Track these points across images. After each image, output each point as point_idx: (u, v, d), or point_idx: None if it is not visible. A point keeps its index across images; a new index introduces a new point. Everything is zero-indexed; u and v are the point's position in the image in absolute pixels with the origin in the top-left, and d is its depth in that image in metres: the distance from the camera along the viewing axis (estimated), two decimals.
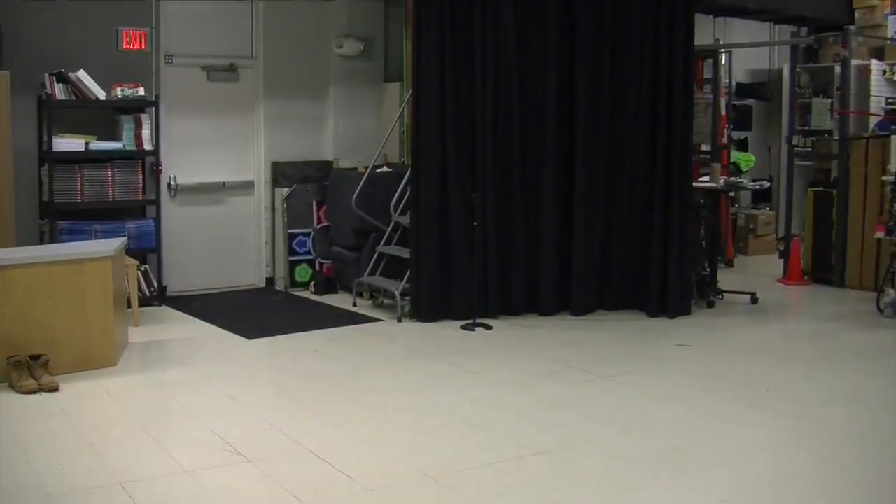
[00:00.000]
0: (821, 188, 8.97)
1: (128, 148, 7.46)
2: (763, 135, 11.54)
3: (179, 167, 8.17)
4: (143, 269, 7.56)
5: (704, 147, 9.17)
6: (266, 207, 8.69)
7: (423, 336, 6.79)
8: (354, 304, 7.83)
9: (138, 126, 7.46)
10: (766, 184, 9.50)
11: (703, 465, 4.23)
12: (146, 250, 7.68)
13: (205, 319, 7.30)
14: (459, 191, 7.08)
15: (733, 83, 10.49)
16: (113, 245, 6.17)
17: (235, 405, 5.16)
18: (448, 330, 6.89)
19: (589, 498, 3.90)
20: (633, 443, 4.53)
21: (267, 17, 8.46)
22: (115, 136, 7.49)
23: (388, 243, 7.86)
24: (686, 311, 7.37)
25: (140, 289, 7.43)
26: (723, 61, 9.50)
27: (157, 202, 7.74)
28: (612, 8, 7.27)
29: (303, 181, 8.70)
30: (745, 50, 10.67)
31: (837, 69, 8.98)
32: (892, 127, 8.60)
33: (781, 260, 9.21)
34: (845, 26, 8.88)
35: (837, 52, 9.16)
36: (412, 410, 5.04)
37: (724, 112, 9.55)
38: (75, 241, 6.97)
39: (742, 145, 10.90)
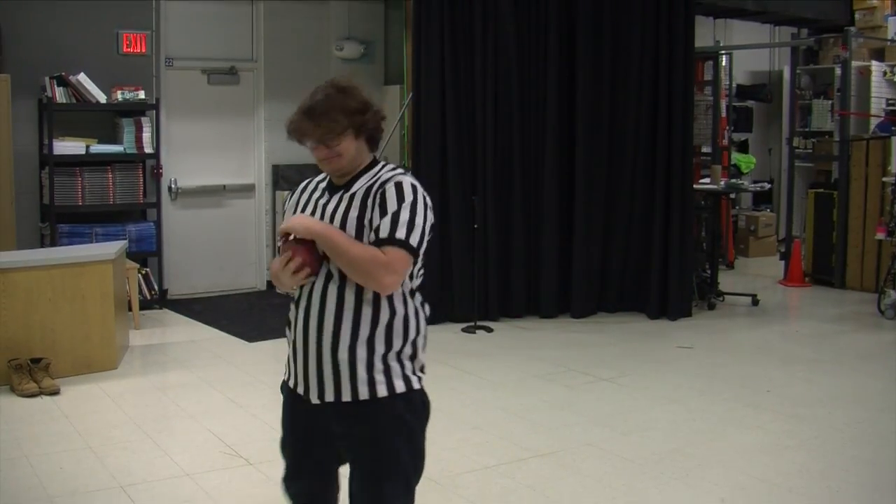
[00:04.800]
0: (821, 189, 8.97)
1: (128, 151, 7.46)
2: (763, 136, 11.55)
3: (180, 170, 8.17)
4: (143, 272, 7.56)
5: (705, 149, 9.19)
6: (267, 210, 8.69)
7: None
8: None
9: (139, 129, 7.46)
10: (767, 185, 9.50)
11: (703, 466, 4.23)
12: (147, 253, 7.68)
13: (205, 322, 7.30)
14: (460, 193, 7.09)
15: (734, 85, 10.50)
16: (113, 248, 6.18)
17: (236, 408, 5.16)
18: (449, 332, 6.88)
19: (590, 500, 3.90)
20: (633, 444, 4.52)
21: (267, 20, 8.46)
22: (115, 140, 7.49)
23: None
24: (687, 313, 7.37)
25: (140, 292, 7.42)
26: (723, 63, 9.51)
27: (157, 205, 7.74)
28: (611, 10, 7.28)
29: None
30: (746, 51, 10.67)
31: (838, 70, 8.97)
32: (893, 128, 8.60)
33: (782, 261, 9.21)
34: (845, 28, 8.88)
35: (837, 54, 9.16)
36: None
37: (724, 114, 9.56)
38: (76, 244, 6.97)
39: (742, 147, 10.91)
